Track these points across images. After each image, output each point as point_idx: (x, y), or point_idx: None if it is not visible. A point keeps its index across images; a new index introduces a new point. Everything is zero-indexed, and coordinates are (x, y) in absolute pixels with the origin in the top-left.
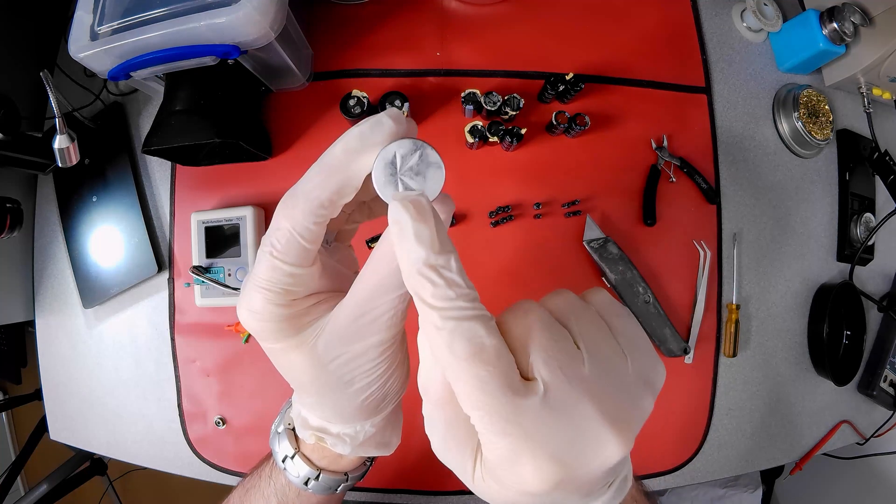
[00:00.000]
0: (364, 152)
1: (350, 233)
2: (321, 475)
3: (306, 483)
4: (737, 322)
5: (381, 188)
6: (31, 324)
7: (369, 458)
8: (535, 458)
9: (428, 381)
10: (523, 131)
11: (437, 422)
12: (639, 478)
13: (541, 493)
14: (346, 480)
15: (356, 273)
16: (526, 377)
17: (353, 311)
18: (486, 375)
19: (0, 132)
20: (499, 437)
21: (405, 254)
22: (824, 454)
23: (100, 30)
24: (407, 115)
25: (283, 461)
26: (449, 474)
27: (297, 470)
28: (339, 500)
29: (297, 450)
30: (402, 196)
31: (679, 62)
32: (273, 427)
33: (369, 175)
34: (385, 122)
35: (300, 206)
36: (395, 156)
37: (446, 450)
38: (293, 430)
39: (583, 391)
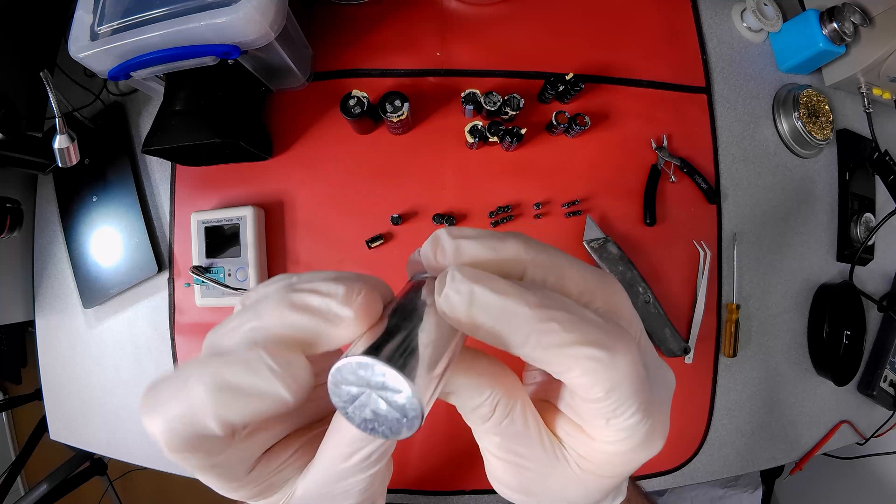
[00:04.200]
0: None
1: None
2: None
3: None
4: (737, 322)
5: (335, 398)
6: (31, 324)
7: None
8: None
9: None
10: (523, 131)
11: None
12: (637, 478)
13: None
14: None
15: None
16: None
17: (310, 492)
18: None
19: (0, 132)
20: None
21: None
22: (824, 454)
23: (100, 30)
24: (375, 304)
25: None
26: (448, 474)
27: None
28: None
29: None
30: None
31: (679, 62)
32: None
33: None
34: (344, 314)
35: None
36: (341, 377)
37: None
38: None
39: None
